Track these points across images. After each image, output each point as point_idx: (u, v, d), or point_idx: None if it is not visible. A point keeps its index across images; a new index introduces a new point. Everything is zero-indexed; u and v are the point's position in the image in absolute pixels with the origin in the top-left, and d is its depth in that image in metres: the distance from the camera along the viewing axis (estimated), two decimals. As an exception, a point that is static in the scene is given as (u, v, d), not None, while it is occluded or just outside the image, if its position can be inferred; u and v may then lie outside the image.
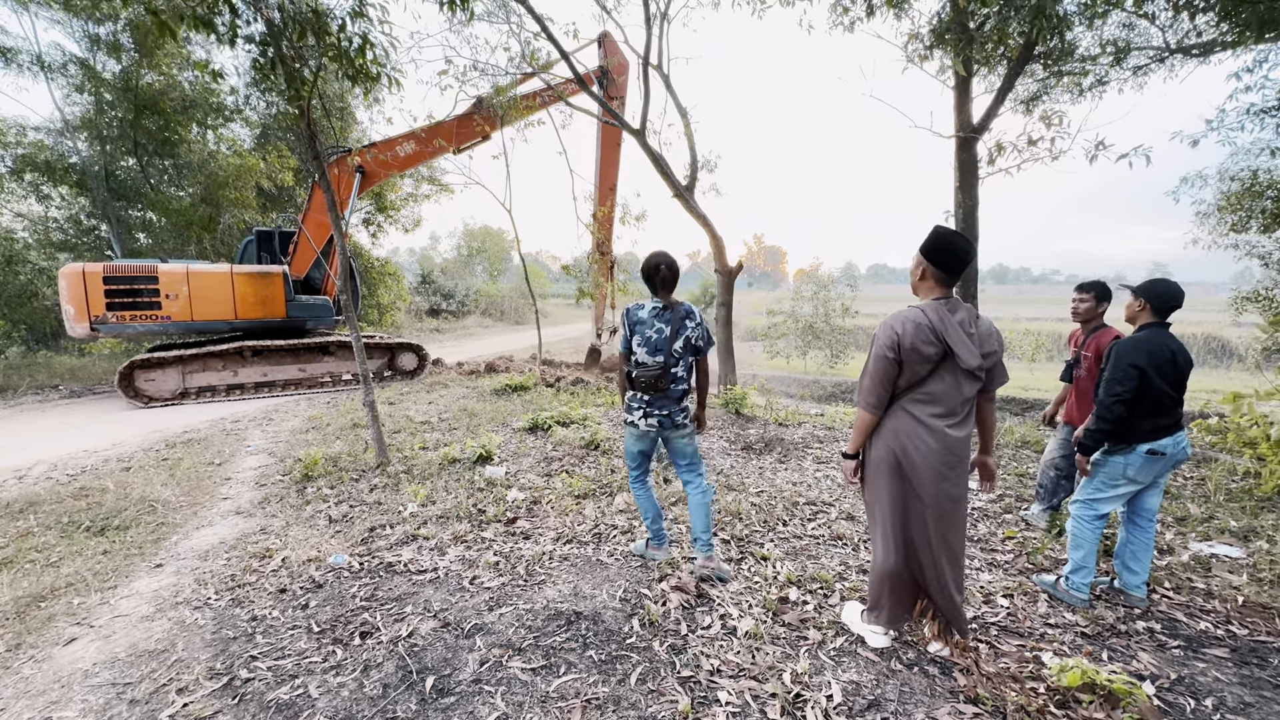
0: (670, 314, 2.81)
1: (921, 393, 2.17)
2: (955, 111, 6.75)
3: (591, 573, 3.04)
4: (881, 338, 2.17)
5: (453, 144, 9.48)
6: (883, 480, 2.25)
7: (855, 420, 2.30)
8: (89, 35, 11.59)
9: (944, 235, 2.18)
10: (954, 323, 2.10)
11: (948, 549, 2.23)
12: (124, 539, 3.80)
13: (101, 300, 8.39)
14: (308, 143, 4.26)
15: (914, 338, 2.10)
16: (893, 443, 2.21)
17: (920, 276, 2.23)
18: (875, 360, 2.19)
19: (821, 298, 21.94)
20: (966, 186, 6.89)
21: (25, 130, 12.81)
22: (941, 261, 2.16)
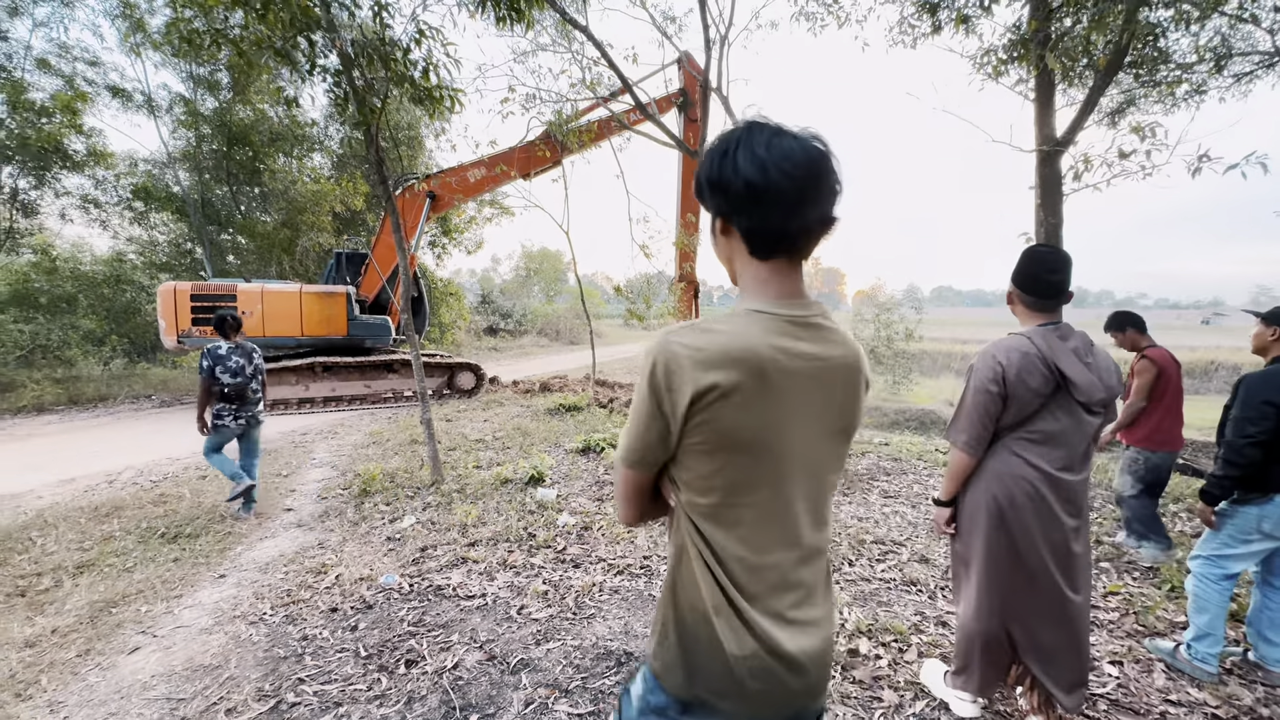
0: (241, 350, 4.39)
1: (1031, 431, 1.90)
2: (1036, 125, 6.35)
3: (643, 609, 2.88)
4: (982, 370, 1.92)
5: (516, 169, 9.69)
6: (980, 531, 1.98)
7: (950, 462, 2.03)
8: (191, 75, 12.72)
9: (1030, 256, 1.94)
10: (1066, 350, 1.86)
11: (1066, 612, 1.92)
12: (193, 547, 3.94)
13: (188, 316, 9.05)
14: (375, 168, 4.40)
15: (1021, 368, 1.85)
16: (996, 489, 1.94)
17: (1010, 302, 2.03)
18: (975, 395, 1.93)
19: (883, 320, 21.11)
20: (1049, 204, 6.43)
21: (137, 163, 14.16)
22: (1029, 286, 1.93)
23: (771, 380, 0.84)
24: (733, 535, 0.88)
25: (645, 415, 0.87)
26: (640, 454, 0.91)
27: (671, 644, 0.92)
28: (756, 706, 0.88)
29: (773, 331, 0.86)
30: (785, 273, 0.90)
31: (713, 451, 0.85)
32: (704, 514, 0.89)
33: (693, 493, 0.89)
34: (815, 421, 0.90)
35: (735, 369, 0.82)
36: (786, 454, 0.88)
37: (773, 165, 0.83)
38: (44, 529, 4.24)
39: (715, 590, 0.88)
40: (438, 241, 17.79)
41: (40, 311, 12.01)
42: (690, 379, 0.82)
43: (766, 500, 0.88)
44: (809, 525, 0.93)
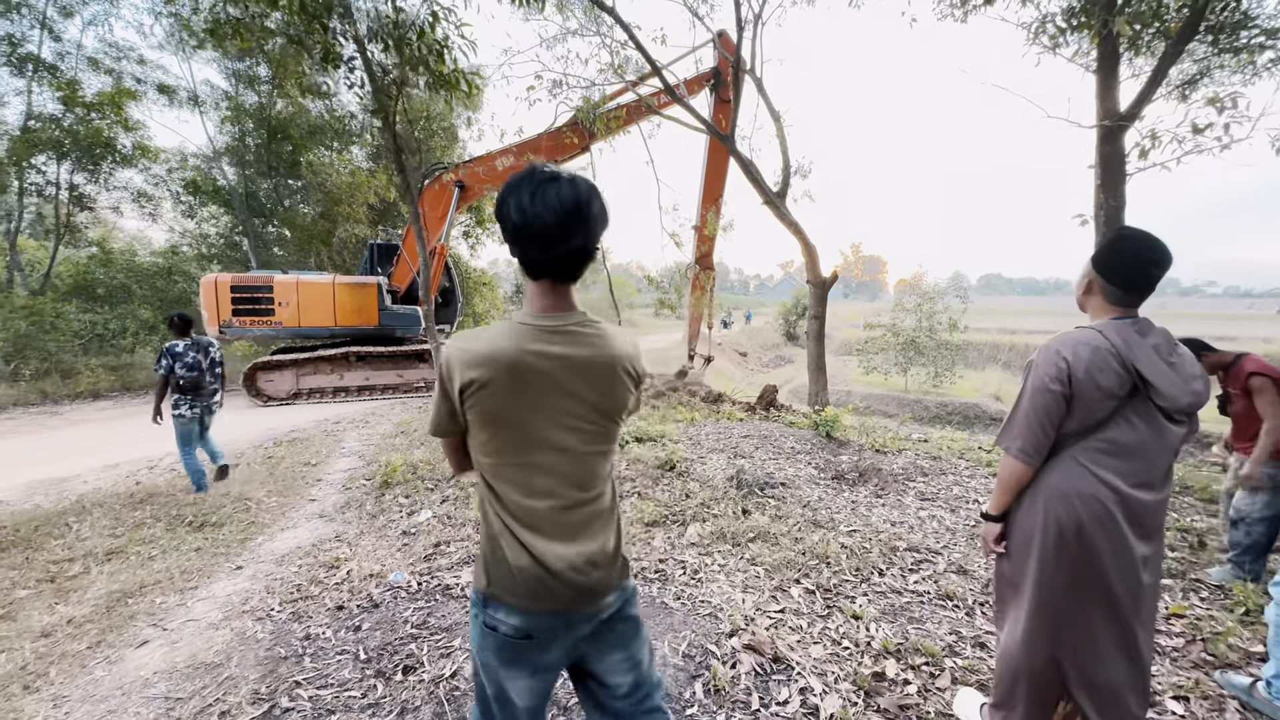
0: (197, 346, 4.88)
1: (1100, 440, 1.64)
2: (1098, 99, 5.83)
3: (654, 618, 2.73)
4: (1044, 366, 1.66)
5: (544, 157, 9.58)
6: (1035, 555, 1.72)
7: (1001, 471, 1.76)
8: (234, 72, 13.03)
9: (1124, 238, 1.65)
10: (1146, 348, 1.59)
11: (1130, 647, 1.67)
12: (216, 537, 3.99)
13: (229, 307, 9.32)
14: (393, 156, 4.32)
15: (1091, 366, 1.59)
16: (1060, 509, 1.66)
17: (1086, 291, 1.73)
18: (1034, 394, 1.67)
19: (925, 310, 20.30)
20: (1110, 184, 5.93)
21: (187, 158, 14.68)
22: (1121, 275, 1.63)
23: (521, 375, 1.13)
24: (507, 485, 1.20)
25: (438, 398, 1.20)
26: (437, 425, 1.23)
27: (480, 557, 1.27)
28: (530, 601, 1.19)
29: (526, 338, 1.15)
30: (549, 291, 1.19)
31: (484, 425, 1.16)
32: (487, 469, 1.21)
33: (479, 454, 1.21)
34: (569, 405, 1.18)
35: (490, 367, 1.12)
36: (537, 430, 1.17)
37: (532, 211, 1.09)
38: (81, 515, 4.38)
39: (499, 521, 1.21)
40: (471, 232, 17.92)
41: (99, 302, 12.61)
42: (460, 374, 1.13)
43: (526, 463, 1.18)
44: (570, 485, 1.21)
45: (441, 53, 3.91)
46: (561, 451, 1.20)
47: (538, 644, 1.22)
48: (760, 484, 4.61)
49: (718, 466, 5.21)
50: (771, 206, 8.33)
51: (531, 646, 1.22)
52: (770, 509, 4.19)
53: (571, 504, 1.22)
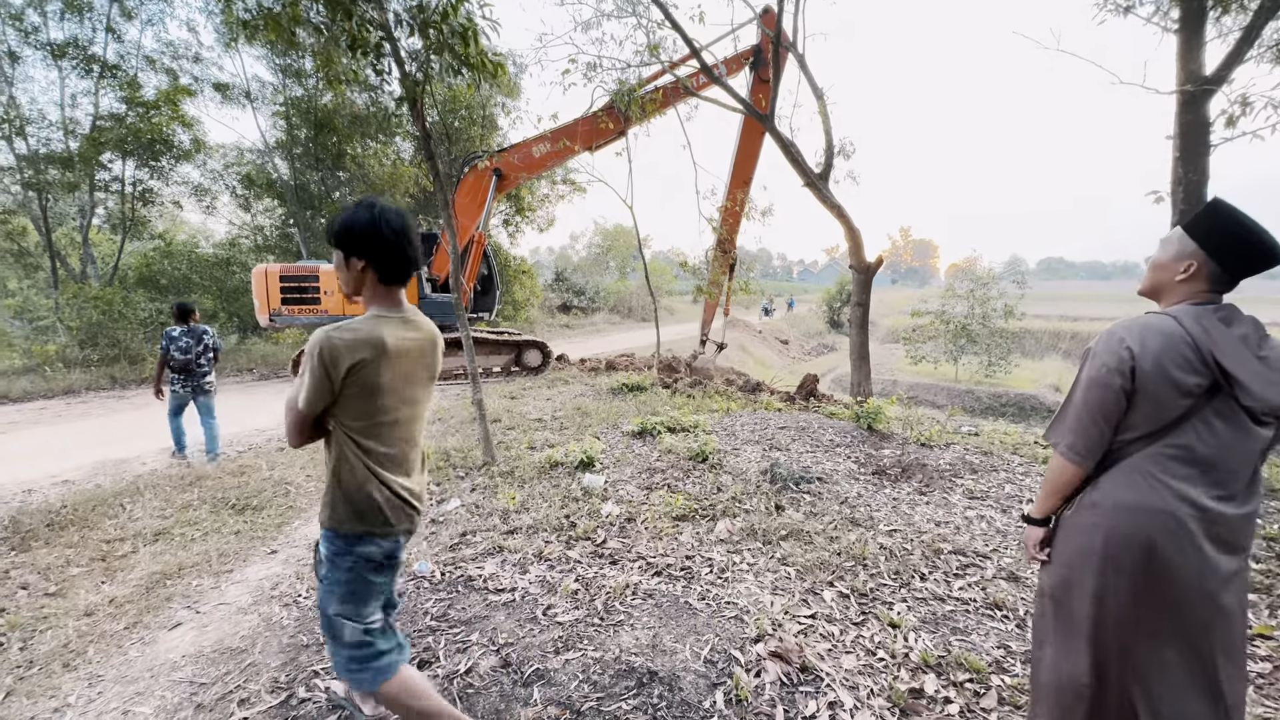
0: (191, 333, 5.35)
1: (1172, 446, 1.42)
2: (1179, 62, 5.29)
3: (677, 619, 2.63)
4: (1103, 355, 1.46)
5: (579, 143, 9.45)
6: (1092, 569, 1.50)
7: (1049, 470, 1.58)
8: (281, 67, 13.40)
9: (1240, 219, 1.41)
10: (1232, 339, 1.37)
11: (1213, 683, 1.44)
12: (255, 520, 4.10)
13: (278, 296, 9.63)
14: (422, 143, 4.29)
15: (1163, 357, 1.38)
16: (1123, 522, 1.45)
17: (1187, 274, 1.46)
18: (1089, 388, 1.48)
19: (979, 296, 19.31)
20: (1190, 157, 5.39)
21: (243, 153, 15.26)
22: (1231, 253, 1.40)
23: (391, 354, 1.55)
24: (375, 440, 1.58)
25: (318, 379, 1.48)
26: (314, 403, 1.51)
27: (341, 507, 1.58)
28: (399, 525, 1.64)
29: (389, 326, 1.58)
30: (394, 293, 1.65)
31: (363, 395, 1.54)
32: (357, 430, 1.57)
33: (350, 419, 1.56)
34: (416, 373, 1.67)
35: (374, 349, 1.51)
36: (399, 394, 1.61)
37: (395, 237, 1.57)
38: (134, 496, 4.58)
39: (365, 470, 1.57)
40: (511, 220, 18.04)
41: (163, 292, 13.31)
42: (349, 356, 1.48)
43: (391, 420, 1.60)
44: (413, 433, 1.70)
45: (465, 35, 3.83)
46: (411, 408, 1.67)
47: (395, 561, 1.69)
48: (795, 478, 4.43)
49: (752, 459, 5.05)
50: (813, 189, 8.00)
51: (392, 565, 1.68)
52: (805, 505, 4.01)
53: (413, 447, 1.71)
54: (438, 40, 3.84)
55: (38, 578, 3.30)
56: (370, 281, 1.60)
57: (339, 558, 1.58)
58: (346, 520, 1.57)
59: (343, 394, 1.51)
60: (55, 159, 11.56)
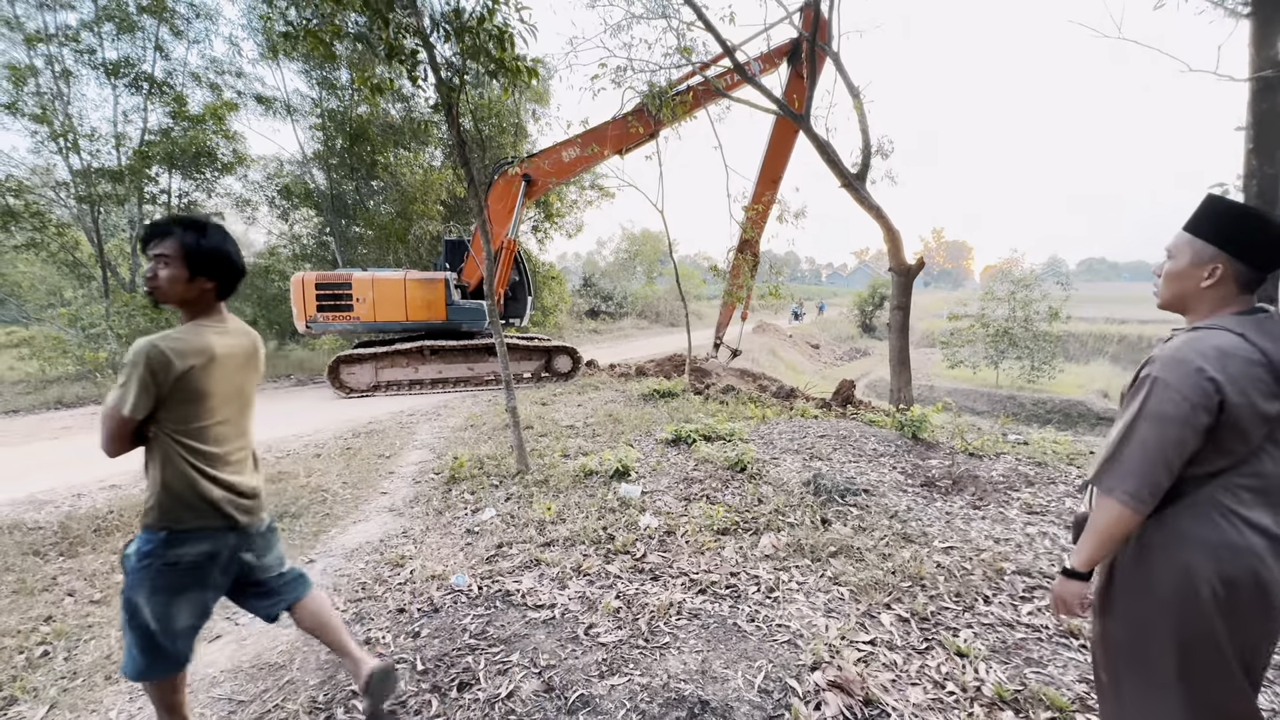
0: None
1: (1245, 476, 1.26)
2: (1252, 46, 4.95)
3: (726, 642, 2.49)
4: (1181, 387, 1.24)
5: (609, 146, 9.38)
6: (1172, 621, 1.31)
7: (1099, 520, 1.34)
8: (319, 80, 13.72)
9: (1247, 210, 1.33)
10: None
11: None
12: (293, 528, 4.10)
13: (314, 303, 9.83)
14: (457, 149, 4.26)
15: (1248, 386, 1.21)
16: (1207, 566, 1.27)
17: (1213, 278, 1.33)
18: (1164, 425, 1.25)
19: (1020, 298, 18.63)
20: (1265, 149, 5.04)
21: (283, 164, 15.67)
22: (1254, 249, 1.28)
23: (219, 360, 1.69)
24: (200, 440, 1.67)
25: (143, 385, 1.55)
26: (138, 407, 1.55)
27: (168, 507, 1.64)
28: (221, 521, 1.71)
29: (215, 335, 1.71)
30: (221, 305, 1.78)
31: (191, 399, 1.64)
32: (183, 432, 1.64)
33: (177, 422, 1.63)
34: (238, 379, 1.78)
35: (203, 355, 1.65)
36: (224, 398, 1.72)
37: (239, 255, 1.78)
38: (177, 501, 4.64)
39: (193, 470, 1.65)
40: (540, 226, 18.13)
41: (205, 300, 13.71)
42: (180, 362, 1.59)
43: (217, 421, 1.71)
44: (238, 433, 1.81)
45: (502, 39, 3.78)
46: (239, 410, 1.79)
47: (217, 561, 1.72)
48: (840, 490, 4.24)
49: (792, 469, 4.87)
50: (850, 190, 7.77)
51: (213, 565, 1.71)
52: (853, 519, 3.83)
53: (240, 446, 1.81)
54: (473, 45, 3.81)
55: (84, 584, 3.33)
56: (209, 297, 1.72)
57: (144, 559, 1.63)
58: (174, 519, 1.64)
59: (170, 399, 1.59)
60: (106, 173, 12.02)
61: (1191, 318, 1.39)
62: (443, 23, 3.79)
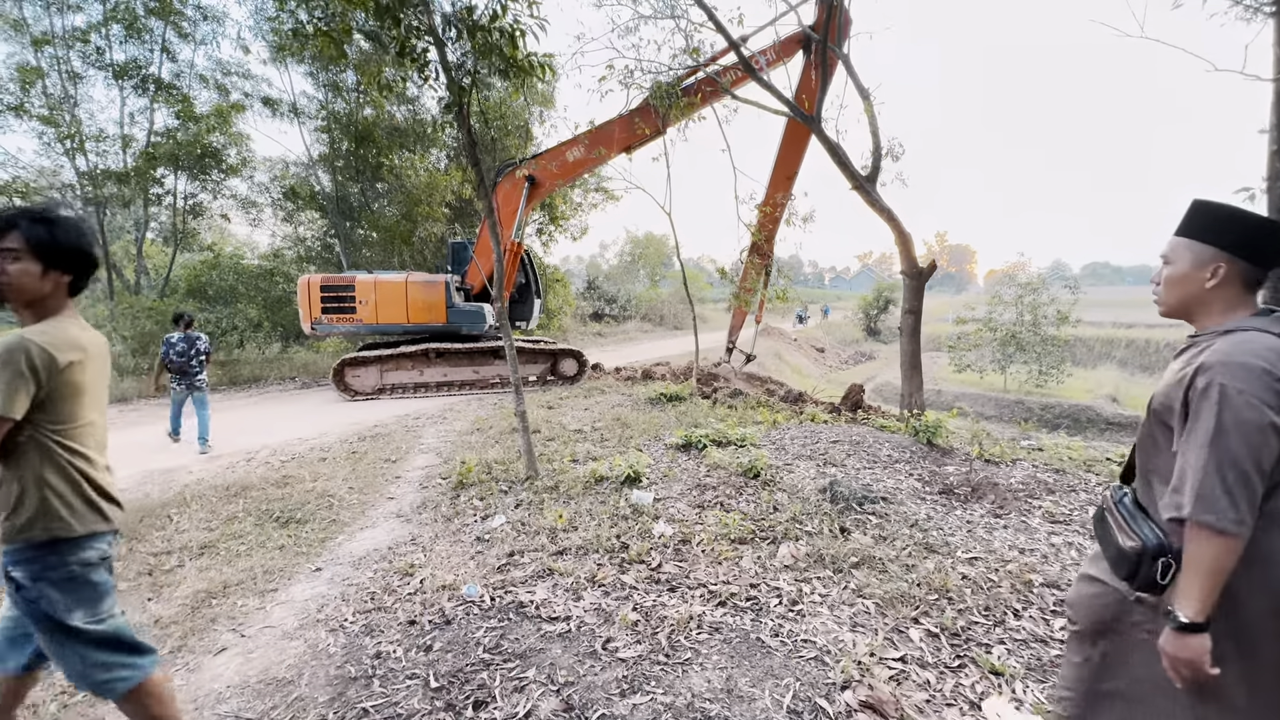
0: (186, 339, 6.38)
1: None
2: (1277, 45, 4.86)
3: (750, 658, 2.39)
4: (1253, 390, 1.16)
5: (615, 147, 9.25)
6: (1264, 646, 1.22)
7: (1203, 557, 1.18)
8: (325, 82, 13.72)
9: (1235, 210, 1.32)
10: None
11: None
12: (299, 534, 4.02)
13: (319, 305, 9.81)
14: (468, 150, 4.18)
15: None
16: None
17: (1216, 278, 1.31)
18: (1242, 434, 1.16)
19: (1028, 302, 18.51)
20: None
21: (289, 166, 15.67)
22: (1257, 248, 1.28)
23: (95, 357, 1.67)
24: (78, 441, 1.62)
25: (25, 383, 1.47)
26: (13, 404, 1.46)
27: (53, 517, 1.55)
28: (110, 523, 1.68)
29: (76, 328, 1.64)
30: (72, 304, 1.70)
31: (70, 396, 1.58)
32: (62, 433, 1.58)
33: (55, 423, 1.56)
34: (103, 378, 1.74)
35: (83, 352, 1.61)
36: (97, 396, 1.69)
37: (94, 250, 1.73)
38: (182, 507, 4.57)
39: (75, 472, 1.60)
40: (544, 229, 18.08)
41: (210, 303, 13.68)
42: (62, 356, 1.53)
43: (92, 421, 1.66)
44: (103, 433, 1.74)
45: (514, 37, 3.71)
46: (100, 411, 1.71)
47: (108, 566, 1.70)
48: (858, 498, 4.14)
49: (806, 475, 4.78)
50: (861, 192, 7.69)
51: (108, 562, 1.70)
52: (872, 528, 3.73)
53: (103, 448, 1.73)
54: (485, 43, 3.74)
55: (86, 592, 3.25)
56: (62, 292, 1.64)
57: (47, 573, 1.55)
58: (63, 527, 1.56)
59: (50, 397, 1.52)
60: (112, 175, 12.01)
61: (1202, 323, 1.36)
62: (455, 21, 3.72)
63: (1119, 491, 1.48)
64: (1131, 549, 1.31)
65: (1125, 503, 1.41)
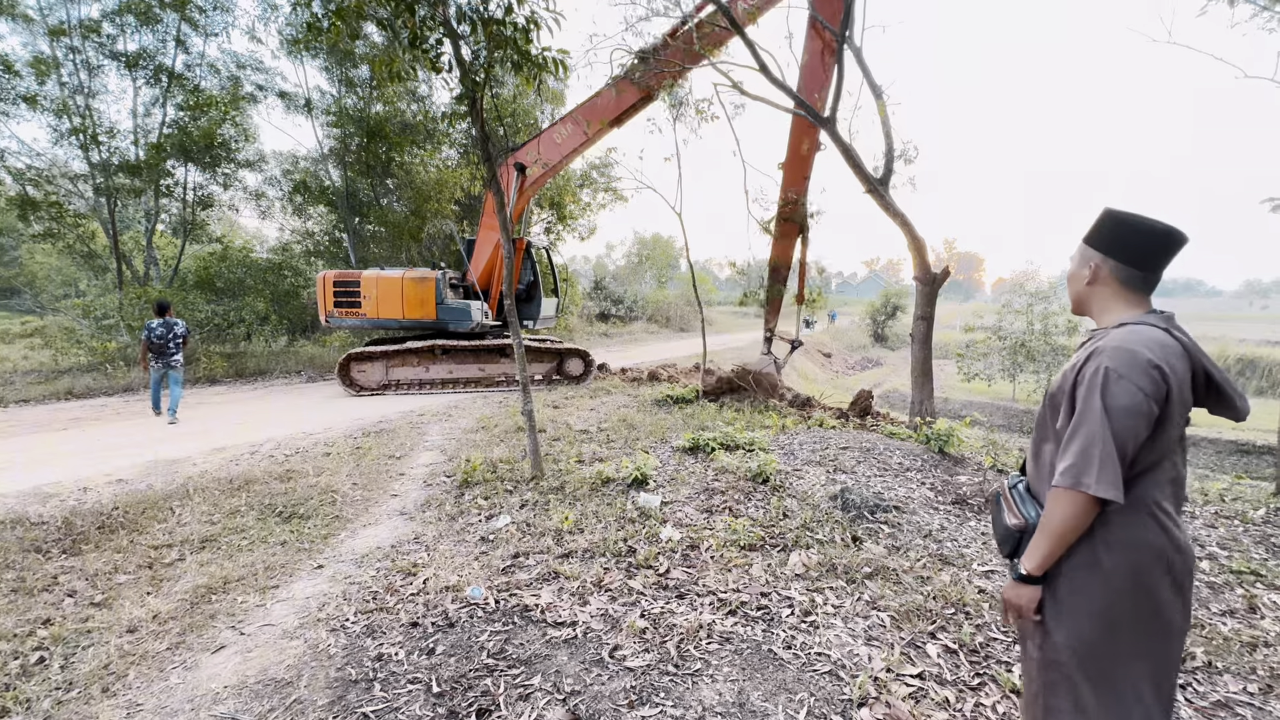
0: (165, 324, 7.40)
1: (1167, 471, 1.33)
2: (1308, 53, 4.76)
3: (762, 670, 2.32)
4: (1135, 377, 1.24)
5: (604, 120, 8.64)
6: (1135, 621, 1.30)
7: (1059, 516, 1.29)
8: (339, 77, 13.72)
9: (1128, 217, 1.40)
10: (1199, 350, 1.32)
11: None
12: (302, 530, 3.96)
13: (332, 299, 9.91)
14: (480, 144, 4.13)
15: (1183, 378, 1.27)
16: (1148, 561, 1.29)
17: (1092, 279, 1.46)
18: (1122, 416, 1.23)
19: (1038, 311, 18.34)
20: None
21: (298, 161, 15.67)
22: (1127, 249, 1.39)
23: None
24: None
25: None
26: None
27: None
28: None
29: None
30: None
31: None
32: None
33: None
34: None
35: None
36: None
37: None
38: (184, 499, 4.52)
39: None
40: (552, 228, 18.04)
41: (219, 294, 13.70)
42: None
43: None
44: None
45: (528, 31, 3.66)
46: None
47: None
48: (870, 506, 4.06)
49: (816, 481, 4.69)
50: (875, 195, 7.58)
51: None
52: (885, 537, 3.65)
53: None
54: (499, 36, 3.68)
55: (85, 584, 3.21)
56: None
57: None
58: None
59: None
60: (124, 166, 12.03)
61: (1099, 319, 1.46)
62: (469, 13, 3.67)
63: (1015, 479, 1.56)
64: (1015, 526, 1.43)
65: (1019, 489, 1.50)
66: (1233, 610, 2.86)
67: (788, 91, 7.72)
